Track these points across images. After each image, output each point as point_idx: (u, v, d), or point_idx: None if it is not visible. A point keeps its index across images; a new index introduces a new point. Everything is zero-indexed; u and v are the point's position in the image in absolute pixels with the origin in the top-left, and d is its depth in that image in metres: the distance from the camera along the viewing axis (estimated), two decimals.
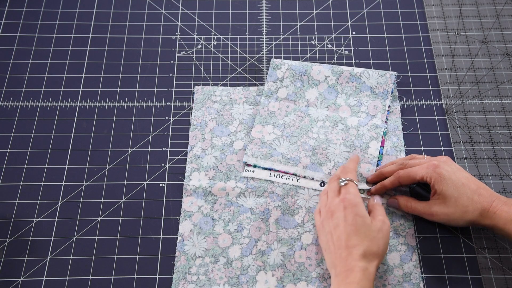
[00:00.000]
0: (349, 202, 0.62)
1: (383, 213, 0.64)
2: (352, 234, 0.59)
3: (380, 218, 0.62)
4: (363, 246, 0.59)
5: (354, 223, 0.60)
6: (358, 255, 0.58)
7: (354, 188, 0.64)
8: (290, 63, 0.81)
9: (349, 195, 0.63)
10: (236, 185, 0.73)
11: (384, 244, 0.61)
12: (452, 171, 0.64)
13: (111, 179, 0.74)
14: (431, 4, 0.91)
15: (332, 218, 0.62)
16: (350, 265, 0.58)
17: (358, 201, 0.62)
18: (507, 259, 0.67)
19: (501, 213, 0.61)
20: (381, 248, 0.60)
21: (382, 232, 0.61)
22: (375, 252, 0.59)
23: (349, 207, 0.61)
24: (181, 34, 0.88)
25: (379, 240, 0.60)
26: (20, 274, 0.67)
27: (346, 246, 0.59)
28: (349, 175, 0.66)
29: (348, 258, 0.58)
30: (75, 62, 0.85)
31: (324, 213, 0.64)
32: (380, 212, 0.64)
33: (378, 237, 0.60)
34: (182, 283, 0.66)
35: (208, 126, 0.78)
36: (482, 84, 0.82)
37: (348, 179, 0.65)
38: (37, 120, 0.79)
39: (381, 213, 0.63)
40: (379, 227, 0.61)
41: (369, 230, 0.60)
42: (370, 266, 0.58)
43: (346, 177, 0.66)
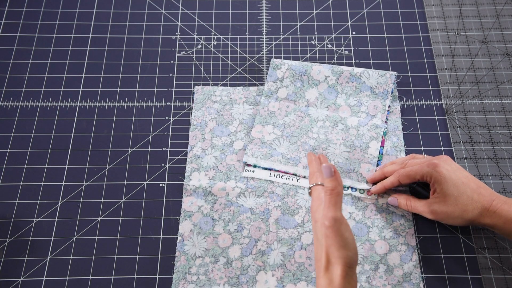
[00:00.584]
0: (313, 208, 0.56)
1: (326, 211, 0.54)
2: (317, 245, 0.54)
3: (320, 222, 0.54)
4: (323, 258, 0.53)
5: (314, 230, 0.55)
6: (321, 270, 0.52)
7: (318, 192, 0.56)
8: (290, 63, 0.81)
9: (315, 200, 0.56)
10: (236, 185, 0.73)
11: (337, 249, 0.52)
12: (452, 170, 0.64)
13: (111, 179, 0.74)
14: (431, 4, 0.91)
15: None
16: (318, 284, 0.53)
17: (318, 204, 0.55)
18: (507, 259, 0.67)
19: (501, 212, 0.61)
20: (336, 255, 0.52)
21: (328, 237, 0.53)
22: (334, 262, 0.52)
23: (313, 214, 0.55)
24: (181, 34, 0.88)
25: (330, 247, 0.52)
26: (20, 274, 0.67)
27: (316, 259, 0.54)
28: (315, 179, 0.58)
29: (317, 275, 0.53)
30: (75, 62, 0.85)
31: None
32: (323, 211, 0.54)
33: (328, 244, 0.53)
34: (182, 283, 0.66)
35: (208, 126, 0.78)
36: (482, 84, 0.82)
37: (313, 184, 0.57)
38: (37, 120, 0.79)
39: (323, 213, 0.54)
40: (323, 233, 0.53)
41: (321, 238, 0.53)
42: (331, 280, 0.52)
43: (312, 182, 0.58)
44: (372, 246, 0.68)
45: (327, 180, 0.56)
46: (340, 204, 0.55)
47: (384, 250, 0.68)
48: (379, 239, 0.68)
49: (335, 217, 0.53)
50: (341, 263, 0.52)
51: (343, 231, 0.53)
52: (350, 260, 0.52)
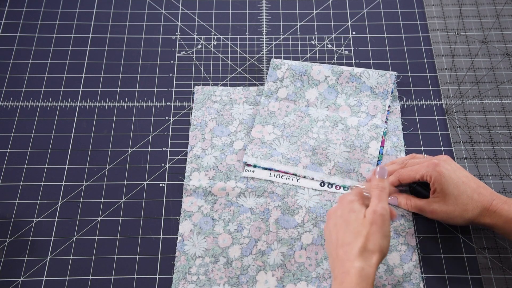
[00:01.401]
0: (345, 199, 0.61)
1: (376, 202, 0.58)
2: (346, 232, 0.57)
3: (371, 209, 0.57)
4: (358, 243, 0.55)
5: (347, 218, 0.58)
6: (354, 254, 0.55)
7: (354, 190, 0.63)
8: (290, 63, 0.81)
9: (346, 195, 0.62)
10: (236, 185, 0.73)
11: (381, 237, 0.56)
12: (452, 169, 0.64)
13: (111, 179, 0.74)
14: (431, 4, 0.91)
15: (332, 218, 0.61)
16: (346, 266, 0.55)
17: (354, 198, 0.60)
18: (507, 259, 0.67)
19: (501, 212, 0.61)
20: (377, 243, 0.55)
21: (376, 224, 0.56)
22: (372, 249, 0.55)
23: (345, 203, 0.60)
24: (181, 34, 0.88)
25: (374, 235, 0.56)
26: (20, 274, 0.67)
27: (342, 245, 0.57)
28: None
29: (344, 259, 0.56)
30: (75, 62, 0.85)
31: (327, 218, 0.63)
32: (373, 202, 0.58)
33: (372, 231, 0.56)
34: (182, 283, 0.66)
35: (208, 126, 0.78)
36: (482, 84, 0.82)
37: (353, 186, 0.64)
38: (37, 120, 0.79)
39: (373, 204, 0.58)
40: (371, 219, 0.56)
41: (361, 225, 0.56)
42: (367, 265, 0.55)
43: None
44: None
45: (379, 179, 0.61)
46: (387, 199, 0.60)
47: None
48: None
49: (386, 208, 0.58)
50: (379, 251, 0.56)
51: (388, 224, 0.57)
52: (386, 251, 0.57)
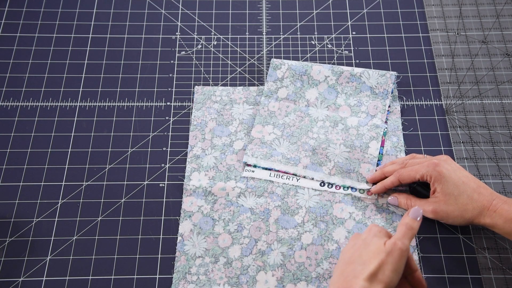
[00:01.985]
0: (375, 228, 0.59)
1: (400, 236, 0.57)
2: (362, 253, 0.56)
3: (393, 240, 0.56)
4: (369, 267, 0.54)
5: (368, 242, 0.57)
6: (362, 276, 0.54)
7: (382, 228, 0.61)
8: (290, 63, 0.81)
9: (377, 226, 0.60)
10: (236, 185, 0.73)
11: (392, 270, 0.54)
12: (452, 169, 0.64)
13: (111, 179, 0.74)
14: (431, 4, 0.91)
15: (353, 240, 0.60)
16: (351, 282, 0.54)
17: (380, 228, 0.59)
18: (507, 259, 0.67)
19: (501, 212, 0.61)
20: (388, 275, 0.54)
21: (392, 256, 0.55)
22: (380, 279, 0.54)
23: (373, 229, 0.59)
24: (181, 34, 0.88)
25: (387, 265, 0.54)
26: (20, 274, 0.67)
27: (354, 263, 0.56)
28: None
29: (350, 275, 0.55)
30: (75, 62, 0.85)
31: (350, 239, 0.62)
32: (397, 235, 0.57)
33: (386, 261, 0.54)
34: (182, 283, 0.66)
35: (208, 126, 0.78)
36: (482, 84, 0.82)
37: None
38: (37, 120, 0.79)
39: (396, 236, 0.57)
40: (389, 249, 0.55)
41: (378, 251, 0.55)
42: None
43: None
44: None
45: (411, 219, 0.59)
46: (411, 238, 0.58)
47: None
48: None
49: (407, 245, 0.56)
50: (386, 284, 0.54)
51: (403, 261, 0.55)
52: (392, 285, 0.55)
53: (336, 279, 0.56)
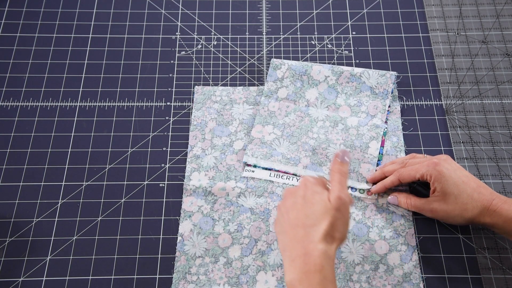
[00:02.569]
0: (308, 181, 0.58)
1: (340, 188, 0.56)
2: (310, 212, 0.55)
3: (336, 195, 0.55)
4: (322, 226, 0.53)
5: (312, 201, 0.55)
6: (318, 237, 0.53)
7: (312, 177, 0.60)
8: (290, 63, 0.81)
9: (309, 178, 0.59)
10: (236, 185, 0.73)
11: (342, 224, 0.55)
12: (452, 169, 0.64)
13: (111, 179, 0.74)
14: (431, 4, 0.91)
15: (291, 197, 0.57)
16: (308, 248, 0.52)
17: (318, 181, 0.58)
18: (507, 259, 0.67)
19: (501, 211, 0.61)
20: (340, 230, 0.54)
21: (340, 211, 0.55)
22: (334, 235, 0.54)
23: (309, 185, 0.57)
24: (181, 34, 0.88)
25: (339, 221, 0.54)
26: (20, 274, 0.67)
27: (303, 225, 0.54)
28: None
29: (305, 240, 0.53)
30: (75, 62, 0.85)
31: (284, 196, 0.60)
32: (336, 187, 0.56)
33: (337, 217, 0.54)
34: (182, 283, 0.66)
35: (208, 126, 0.78)
36: (482, 84, 0.82)
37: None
38: (37, 120, 0.79)
39: (336, 189, 0.56)
40: (336, 205, 0.55)
41: (326, 209, 0.54)
42: (329, 249, 0.53)
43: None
44: (372, 246, 0.68)
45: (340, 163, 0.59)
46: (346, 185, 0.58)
47: (384, 250, 0.68)
48: (379, 239, 0.68)
49: (347, 196, 0.56)
50: (340, 238, 0.55)
51: (349, 211, 0.56)
52: (345, 238, 0.56)
53: (290, 244, 0.54)
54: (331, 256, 0.53)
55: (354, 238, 0.68)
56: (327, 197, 0.56)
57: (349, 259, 0.67)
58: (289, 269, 0.53)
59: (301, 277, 0.52)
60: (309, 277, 0.51)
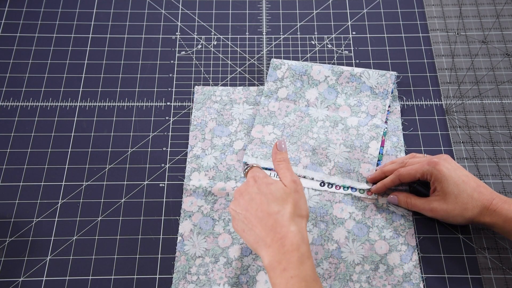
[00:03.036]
0: (257, 176, 0.61)
1: (289, 173, 0.61)
2: (271, 201, 0.57)
3: (289, 179, 0.60)
4: (287, 209, 0.57)
5: (269, 191, 0.58)
6: (286, 219, 0.56)
7: (258, 168, 0.63)
8: (290, 63, 0.81)
9: (255, 172, 0.62)
10: (236, 185, 0.72)
11: (304, 203, 0.59)
12: (453, 168, 0.64)
13: (111, 179, 0.74)
14: (431, 4, 0.91)
15: (244, 195, 0.60)
16: (282, 232, 0.55)
17: (265, 174, 0.61)
18: (507, 259, 0.67)
19: (501, 211, 0.61)
20: (303, 208, 0.59)
21: (298, 192, 0.59)
22: (300, 214, 0.58)
23: (259, 179, 0.60)
24: (181, 34, 0.88)
25: (299, 201, 0.59)
26: (20, 274, 0.67)
27: (270, 214, 0.57)
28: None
29: (276, 226, 0.56)
30: (75, 62, 0.85)
31: (235, 197, 0.62)
32: (285, 173, 0.61)
33: (297, 198, 0.59)
34: (182, 283, 0.66)
35: (208, 126, 0.78)
36: (482, 84, 0.82)
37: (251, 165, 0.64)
38: (37, 120, 0.79)
39: (287, 174, 0.61)
40: (293, 188, 0.59)
41: (285, 193, 0.58)
42: (301, 227, 0.57)
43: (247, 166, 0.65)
44: (372, 246, 0.68)
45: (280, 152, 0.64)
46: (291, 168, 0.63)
47: (384, 250, 0.68)
48: (379, 239, 0.68)
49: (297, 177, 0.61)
50: (305, 216, 0.59)
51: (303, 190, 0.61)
52: (308, 216, 0.60)
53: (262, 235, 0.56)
54: (304, 234, 0.56)
55: (354, 238, 0.68)
56: (281, 184, 0.60)
57: (349, 259, 0.67)
58: (266, 254, 0.56)
59: (280, 258, 0.54)
60: (287, 256, 0.54)
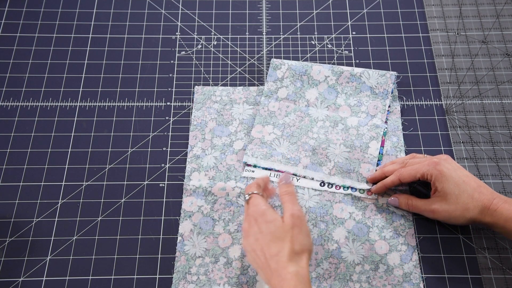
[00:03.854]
0: (256, 213, 0.60)
1: (291, 206, 0.60)
2: (270, 243, 0.57)
3: (288, 214, 0.59)
4: (285, 249, 0.56)
5: (268, 231, 0.58)
6: (285, 260, 0.56)
7: (257, 199, 0.61)
8: (290, 63, 0.81)
9: (253, 207, 0.60)
10: (236, 185, 0.73)
11: (304, 237, 0.58)
12: (453, 168, 0.64)
13: (111, 179, 0.74)
14: (431, 4, 0.91)
15: (250, 236, 0.59)
16: (282, 274, 0.55)
17: (264, 208, 0.60)
18: (507, 259, 0.67)
19: (502, 211, 0.61)
20: (303, 243, 0.57)
21: (297, 227, 0.58)
22: (299, 250, 0.57)
23: (258, 217, 0.59)
24: (181, 34, 0.88)
25: (297, 236, 0.57)
26: (20, 274, 0.67)
27: (271, 256, 0.57)
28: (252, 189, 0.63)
29: (278, 268, 0.56)
30: (75, 62, 0.85)
31: (243, 236, 0.61)
32: (287, 207, 0.60)
33: (295, 234, 0.57)
34: (182, 283, 0.66)
35: (208, 126, 0.78)
36: (482, 84, 0.82)
37: (250, 193, 0.62)
38: (37, 120, 0.79)
39: (288, 208, 0.60)
40: (291, 223, 0.58)
41: (283, 231, 0.57)
42: (300, 267, 0.56)
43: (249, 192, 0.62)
44: (372, 246, 0.68)
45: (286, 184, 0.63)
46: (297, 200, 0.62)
47: (384, 250, 0.68)
48: (379, 239, 0.68)
49: (300, 210, 0.60)
50: (306, 250, 0.58)
51: (305, 223, 0.60)
52: (311, 248, 0.59)
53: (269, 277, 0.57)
54: (303, 273, 0.56)
55: (354, 238, 0.68)
56: (280, 220, 0.58)
57: (349, 259, 0.67)
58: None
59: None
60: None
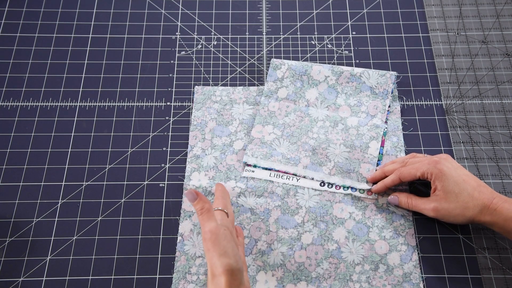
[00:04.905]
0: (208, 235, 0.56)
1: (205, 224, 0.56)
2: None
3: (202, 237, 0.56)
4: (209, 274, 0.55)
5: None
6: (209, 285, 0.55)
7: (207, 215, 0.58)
8: (290, 63, 0.81)
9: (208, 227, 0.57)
10: (236, 185, 0.73)
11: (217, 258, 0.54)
12: (453, 167, 0.64)
13: (111, 179, 0.74)
14: (431, 4, 0.91)
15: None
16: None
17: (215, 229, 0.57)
18: (507, 259, 0.67)
19: (501, 210, 0.61)
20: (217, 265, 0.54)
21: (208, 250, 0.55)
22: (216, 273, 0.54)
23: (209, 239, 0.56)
24: (181, 34, 0.88)
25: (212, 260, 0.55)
26: (20, 274, 0.67)
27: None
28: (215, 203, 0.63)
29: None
30: (75, 62, 0.85)
31: None
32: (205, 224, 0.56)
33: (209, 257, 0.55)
34: (182, 283, 0.66)
35: (208, 126, 0.78)
36: (482, 84, 0.82)
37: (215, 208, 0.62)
38: (37, 120, 0.79)
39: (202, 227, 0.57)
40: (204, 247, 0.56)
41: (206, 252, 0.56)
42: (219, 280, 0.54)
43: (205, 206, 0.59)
44: (372, 246, 0.68)
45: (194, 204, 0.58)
46: (213, 217, 0.57)
47: (384, 250, 0.68)
48: (379, 239, 0.68)
49: (210, 229, 0.56)
50: (224, 272, 0.54)
51: (221, 240, 0.55)
52: (231, 267, 0.54)
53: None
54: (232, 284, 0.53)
55: (354, 238, 0.68)
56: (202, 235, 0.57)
57: (349, 259, 0.67)
58: None
59: None
60: None
